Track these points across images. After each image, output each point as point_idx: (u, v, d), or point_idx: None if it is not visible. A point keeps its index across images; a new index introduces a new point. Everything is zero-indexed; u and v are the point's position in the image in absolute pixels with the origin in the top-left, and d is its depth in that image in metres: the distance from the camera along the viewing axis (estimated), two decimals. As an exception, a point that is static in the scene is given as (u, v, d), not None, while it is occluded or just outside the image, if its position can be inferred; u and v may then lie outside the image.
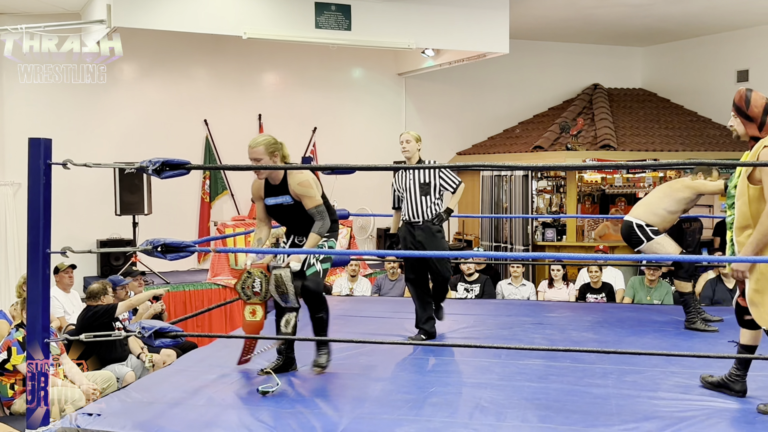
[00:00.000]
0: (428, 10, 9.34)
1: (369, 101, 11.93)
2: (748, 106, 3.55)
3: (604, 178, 11.45)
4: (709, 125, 11.82)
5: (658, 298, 7.39)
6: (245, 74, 11.06)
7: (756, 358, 3.73)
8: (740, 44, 11.57)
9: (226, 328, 8.78)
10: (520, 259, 8.52)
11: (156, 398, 3.86)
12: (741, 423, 3.44)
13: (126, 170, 3.62)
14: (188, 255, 3.71)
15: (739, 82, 11.60)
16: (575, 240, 10.76)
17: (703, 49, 12.20)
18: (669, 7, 10.19)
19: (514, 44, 10.04)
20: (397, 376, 4.28)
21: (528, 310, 6.37)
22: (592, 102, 12.30)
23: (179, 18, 8.15)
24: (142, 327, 3.58)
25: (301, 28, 8.75)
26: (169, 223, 9.79)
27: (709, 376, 3.95)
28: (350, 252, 6.26)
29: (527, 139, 11.63)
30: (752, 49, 11.38)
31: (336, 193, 10.56)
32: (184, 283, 9.02)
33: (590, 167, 10.29)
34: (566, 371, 4.28)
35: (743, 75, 11.57)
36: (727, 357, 3.92)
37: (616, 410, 3.62)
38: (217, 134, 10.84)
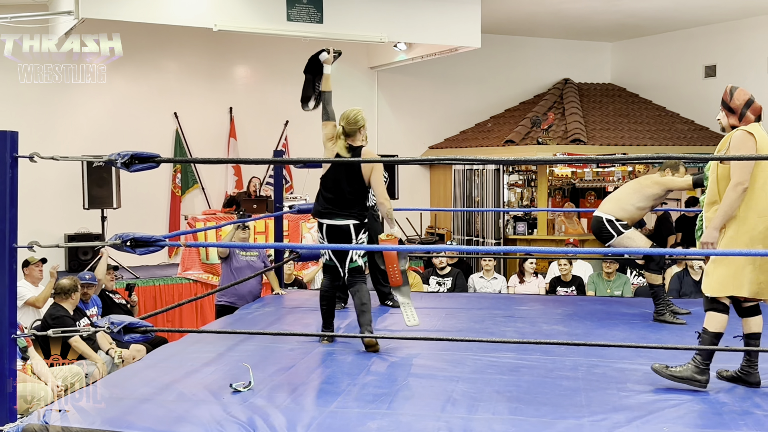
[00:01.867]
0: (400, 3, 9.34)
1: (341, 95, 11.74)
2: (731, 99, 3.86)
3: (575, 172, 11.57)
4: (677, 120, 11.98)
5: (618, 289, 7.54)
6: (216, 67, 10.97)
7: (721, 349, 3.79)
8: (708, 40, 11.73)
9: (197, 323, 8.73)
10: (492, 253, 8.57)
11: (125, 394, 3.82)
12: (708, 414, 3.49)
13: (94, 163, 3.59)
14: (158, 249, 3.66)
15: (707, 77, 11.77)
16: (546, 233, 10.85)
17: (671, 44, 12.36)
18: (637, 3, 10.30)
19: (485, 39, 10.08)
20: (369, 370, 4.28)
21: (499, 303, 6.41)
22: (562, 97, 12.40)
23: (149, 9, 8.06)
24: (111, 322, 3.54)
25: (272, 20, 8.70)
26: (138, 217, 9.69)
27: (725, 370, 3.96)
28: (340, 246, 6.32)
29: (499, 133, 11.69)
30: (719, 44, 11.55)
31: (308, 187, 10.55)
32: (155, 278, 8.94)
33: (561, 161, 10.38)
34: (537, 364, 4.32)
35: (711, 70, 11.74)
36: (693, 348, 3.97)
37: (586, 402, 3.66)
38: (188, 127, 10.74)
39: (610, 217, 5.38)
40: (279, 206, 7.02)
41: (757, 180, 3.70)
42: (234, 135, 11.01)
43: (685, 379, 3.78)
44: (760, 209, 3.69)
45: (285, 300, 6.52)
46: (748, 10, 10.54)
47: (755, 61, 11.00)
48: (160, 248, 3.64)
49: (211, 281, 9.07)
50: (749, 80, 10.99)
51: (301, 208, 7.09)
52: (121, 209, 9.18)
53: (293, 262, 8.01)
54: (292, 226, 9.58)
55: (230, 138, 11.00)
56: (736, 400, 3.65)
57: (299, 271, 8.97)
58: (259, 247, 7.32)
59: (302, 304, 6.33)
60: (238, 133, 11.05)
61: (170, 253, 10.43)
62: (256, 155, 10.52)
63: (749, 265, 3.70)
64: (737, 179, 3.69)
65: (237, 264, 6.80)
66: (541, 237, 10.77)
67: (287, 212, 7.14)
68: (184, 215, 10.43)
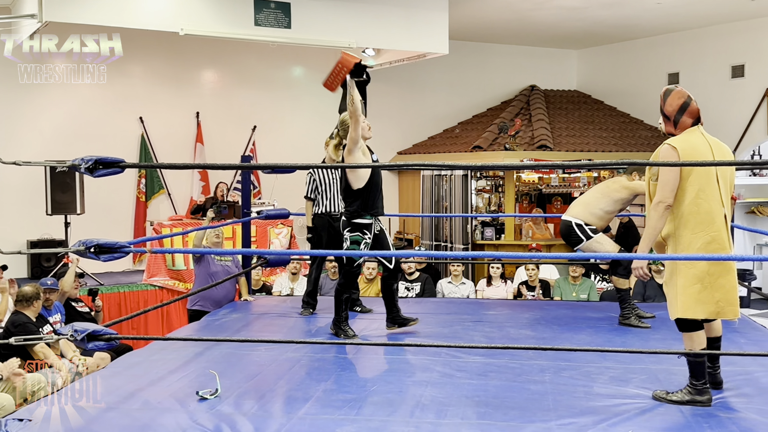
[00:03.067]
0: (369, 9, 9.35)
1: (309, 100, 11.87)
2: (665, 104, 3.73)
3: (541, 177, 11.68)
4: (641, 126, 12.16)
5: (584, 293, 7.63)
6: (182, 71, 10.88)
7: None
8: (671, 48, 11.94)
9: (163, 330, 8.63)
10: (460, 258, 8.60)
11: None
12: (673, 416, 3.54)
13: (57, 169, 3.53)
14: (123, 256, 3.62)
15: (670, 84, 11.96)
16: (513, 239, 10.93)
17: (635, 52, 12.55)
18: (602, 11, 10.44)
19: (453, 45, 10.14)
20: (338, 376, 4.26)
21: (468, 308, 6.44)
22: (529, 103, 12.51)
23: (114, 13, 7.94)
24: (75, 330, 3.48)
25: (240, 25, 8.64)
26: (102, 223, 9.55)
27: None
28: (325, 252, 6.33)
29: (466, 139, 11.76)
30: (682, 52, 11.76)
31: (276, 192, 10.50)
32: (119, 285, 8.82)
33: (528, 167, 10.47)
34: (504, 368, 4.34)
35: (674, 78, 11.95)
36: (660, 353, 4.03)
37: (553, 405, 3.69)
38: (153, 132, 10.62)
39: (579, 221, 5.40)
40: (246, 212, 6.98)
41: (686, 195, 3.56)
42: (201, 140, 10.92)
43: (687, 403, 3.63)
44: (693, 225, 3.55)
45: (253, 306, 6.47)
46: (711, 18, 10.75)
47: (718, 68, 11.21)
48: (124, 255, 3.60)
49: (178, 287, 8.97)
50: (712, 87, 11.23)
51: (269, 213, 7.04)
52: (84, 215, 9.04)
53: (261, 268, 7.97)
54: (260, 232, 9.52)
55: (197, 143, 10.90)
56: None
57: (267, 277, 8.91)
58: (228, 253, 7.25)
59: (270, 310, 6.29)
60: (205, 138, 10.97)
61: (134, 260, 10.31)
62: (223, 160, 10.44)
63: (696, 284, 3.54)
64: (658, 197, 3.60)
65: (213, 269, 6.69)
66: (509, 242, 10.84)
67: (255, 218, 7.10)
68: (150, 221, 10.31)
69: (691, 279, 3.55)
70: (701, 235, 3.54)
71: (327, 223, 6.05)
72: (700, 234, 3.54)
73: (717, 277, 3.54)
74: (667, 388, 3.89)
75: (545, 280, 8.14)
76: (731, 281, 3.57)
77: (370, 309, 6.15)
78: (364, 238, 4.98)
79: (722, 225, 3.57)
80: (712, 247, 3.53)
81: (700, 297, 3.55)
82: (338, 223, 5.96)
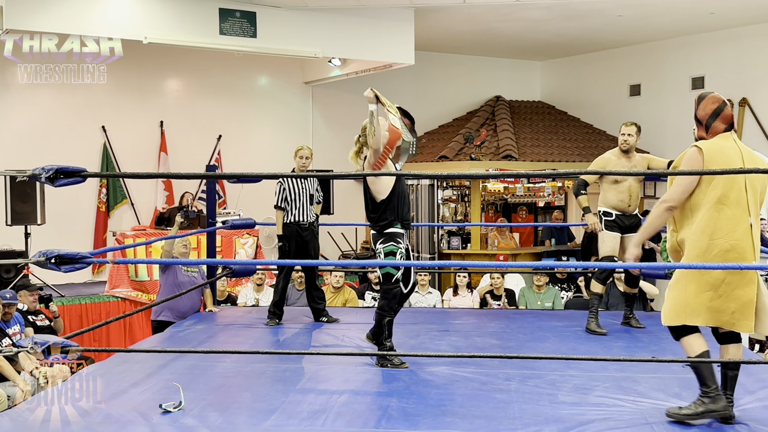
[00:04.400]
0: (335, 19, 9.36)
1: (275, 109, 11.84)
2: (698, 108, 3.59)
3: (507, 187, 11.78)
4: (604, 137, 12.33)
5: (548, 301, 7.70)
6: (146, 80, 10.77)
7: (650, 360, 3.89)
8: (633, 60, 12.14)
9: (126, 342, 8.50)
10: (426, 267, 8.62)
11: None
12: (638, 424, 3.57)
13: (18, 178, 3.45)
14: (84, 267, 3.57)
15: (632, 95, 12.17)
16: (479, 248, 10.99)
17: (597, 63, 12.74)
18: (565, 23, 10.59)
19: (419, 56, 10.19)
20: (303, 387, 4.24)
21: (434, 317, 6.45)
22: (494, 113, 12.62)
23: (77, 21, 7.85)
24: (35, 342, 3.41)
25: (204, 33, 8.59)
26: (63, 233, 9.38)
27: None
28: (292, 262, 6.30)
29: (433, 149, 11.81)
30: (644, 64, 11.97)
31: (242, 202, 10.43)
32: (81, 296, 8.66)
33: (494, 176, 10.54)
34: (471, 377, 4.35)
35: (636, 89, 12.15)
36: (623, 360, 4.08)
37: (519, 414, 3.71)
38: (116, 141, 10.49)
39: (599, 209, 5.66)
40: (212, 222, 6.92)
41: (706, 199, 3.41)
42: (165, 149, 10.81)
43: (702, 414, 3.45)
44: (711, 231, 3.39)
45: (218, 317, 6.41)
46: (672, 30, 10.96)
47: (678, 80, 11.43)
48: (86, 265, 3.55)
49: (141, 299, 8.84)
50: (672, 99, 11.44)
51: (234, 223, 6.98)
52: (45, 225, 8.87)
53: (226, 279, 7.89)
54: (225, 242, 9.44)
55: (161, 152, 10.78)
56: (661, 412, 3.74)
57: (232, 288, 8.84)
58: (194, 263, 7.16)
59: (235, 321, 6.24)
60: (169, 147, 10.85)
61: (94, 270, 10.14)
62: (187, 170, 10.33)
63: (707, 291, 3.39)
64: (665, 196, 3.50)
65: (180, 279, 6.58)
66: (475, 251, 10.91)
67: (220, 228, 7.04)
68: (113, 231, 10.16)
69: (704, 286, 3.39)
70: (721, 241, 3.37)
71: (296, 233, 6.06)
72: (720, 240, 3.37)
73: (734, 288, 3.36)
74: (630, 395, 3.94)
75: (510, 289, 8.19)
76: (749, 294, 3.37)
77: (336, 319, 6.13)
78: (398, 247, 4.59)
79: (746, 233, 3.39)
80: (730, 255, 3.35)
81: (712, 305, 3.39)
82: (307, 233, 6.09)
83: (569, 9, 9.69)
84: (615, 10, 9.71)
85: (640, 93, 12.05)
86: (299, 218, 6.08)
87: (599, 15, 10.04)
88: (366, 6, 9.32)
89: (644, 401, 3.88)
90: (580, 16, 10.10)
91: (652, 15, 9.99)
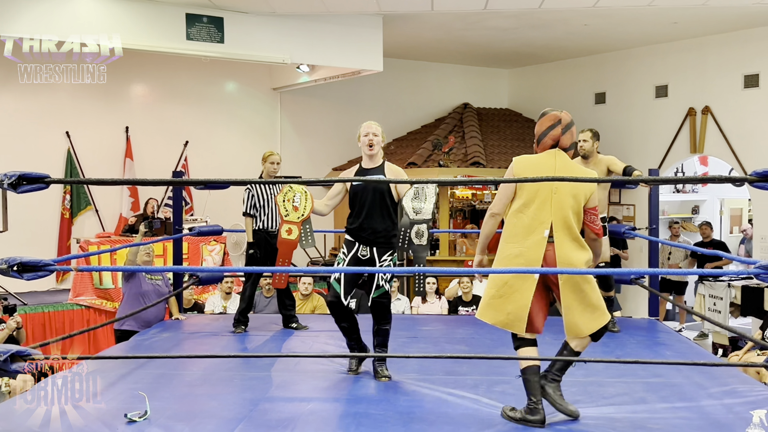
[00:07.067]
0: (303, 25, 9.35)
1: (243, 115, 11.78)
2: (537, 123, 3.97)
3: (475, 194, 11.84)
4: (571, 144, 12.45)
5: None
6: (111, 85, 10.61)
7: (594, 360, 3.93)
8: (597, 68, 12.31)
9: (90, 351, 8.35)
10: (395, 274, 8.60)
11: (13, 427, 3.61)
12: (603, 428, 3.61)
13: (-22, 184, 3.38)
14: (47, 274, 3.51)
15: (597, 104, 12.33)
16: (448, 254, 11.03)
17: (563, 72, 12.89)
18: (531, 32, 10.70)
19: (388, 63, 10.22)
20: (272, 395, 4.20)
21: (403, 324, 6.45)
22: (462, 120, 12.69)
23: (42, 25, 7.73)
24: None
25: (171, 39, 8.52)
26: (26, 240, 9.20)
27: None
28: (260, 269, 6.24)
29: (401, 155, 11.84)
30: (608, 73, 12.14)
31: (209, 208, 10.34)
32: (43, 304, 8.51)
33: (462, 183, 10.62)
34: (439, 383, 4.36)
35: (600, 97, 12.31)
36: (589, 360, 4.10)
37: (488, 419, 3.72)
38: (80, 147, 10.35)
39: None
40: (178, 228, 6.84)
41: (511, 208, 3.72)
42: (130, 155, 10.68)
43: (518, 421, 3.60)
44: (507, 236, 3.69)
45: (184, 325, 6.34)
46: (636, 40, 11.14)
47: (642, 88, 11.61)
48: (49, 273, 3.49)
49: (105, 306, 8.71)
50: (637, 107, 11.62)
51: (201, 230, 6.91)
52: (7, 232, 8.69)
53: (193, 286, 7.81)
54: (192, 249, 9.35)
55: (126, 158, 10.66)
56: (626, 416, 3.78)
57: (199, 296, 8.75)
58: (159, 271, 7.06)
59: (202, 329, 6.18)
60: (135, 153, 10.74)
61: (58, 278, 9.96)
62: (153, 176, 10.21)
63: (491, 289, 3.66)
64: (490, 208, 3.80)
65: (144, 288, 6.47)
66: (443, 258, 10.94)
67: (187, 234, 6.96)
68: (76, 238, 10.01)
69: (491, 283, 3.70)
70: (512, 246, 3.64)
71: (264, 240, 6.01)
72: (512, 245, 3.64)
73: (514, 291, 3.59)
74: (596, 400, 3.98)
75: (479, 296, 8.22)
76: (525, 299, 3.57)
77: (306, 326, 6.10)
78: (393, 257, 4.69)
79: (537, 244, 3.59)
80: (517, 261, 3.60)
81: (492, 303, 3.65)
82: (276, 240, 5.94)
83: (536, 18, 9.79)
84: (581, 19, 9.85)
85: (605, 101, 12.22)
86: (267, 225, 6.03)
87: (565, 24, 10.17)
88: (334, 12, 9.32)
89: (609, 406, 3.92)
90: (546, 25, 10.21)
91: (618, 24, 10.14)
